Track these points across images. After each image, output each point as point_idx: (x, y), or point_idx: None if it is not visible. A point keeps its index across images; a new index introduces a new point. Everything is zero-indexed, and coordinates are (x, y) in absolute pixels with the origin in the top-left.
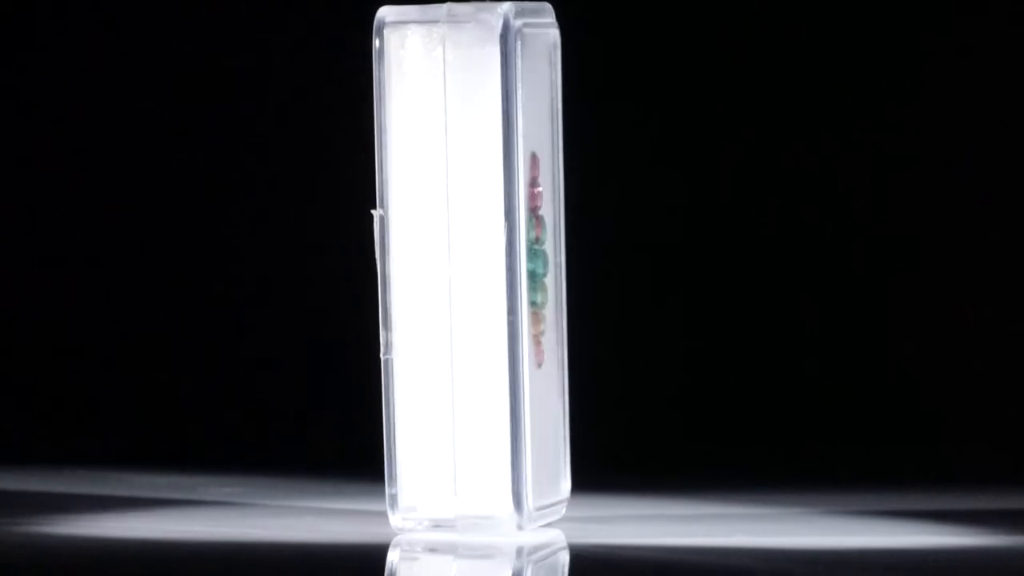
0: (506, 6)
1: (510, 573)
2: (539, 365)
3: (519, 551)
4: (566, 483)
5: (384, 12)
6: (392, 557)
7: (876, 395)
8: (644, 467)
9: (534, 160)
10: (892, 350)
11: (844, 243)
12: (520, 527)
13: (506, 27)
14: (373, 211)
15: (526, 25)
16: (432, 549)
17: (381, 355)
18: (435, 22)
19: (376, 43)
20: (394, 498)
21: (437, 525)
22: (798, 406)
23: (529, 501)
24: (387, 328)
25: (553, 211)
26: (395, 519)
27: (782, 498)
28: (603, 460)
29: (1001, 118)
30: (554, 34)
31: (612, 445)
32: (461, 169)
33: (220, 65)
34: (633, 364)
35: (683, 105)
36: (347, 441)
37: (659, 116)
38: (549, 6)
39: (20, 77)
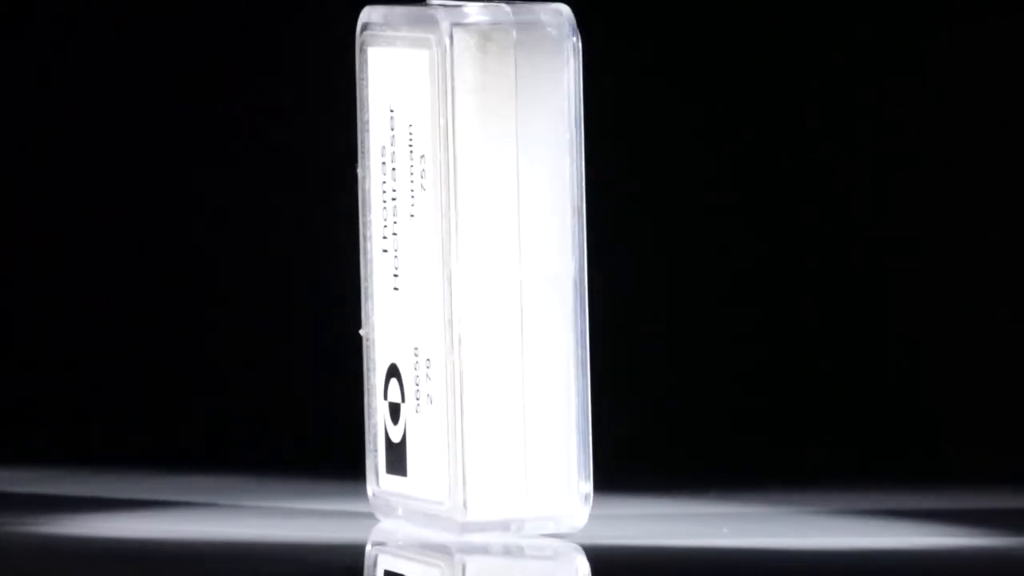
0: (565, 8)
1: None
2: None
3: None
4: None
5: (445, 14)
6: (462, 560)
7: (876, 395)
8: (641, 466)
9: None
10: (892, 350)
11: (844, 243)
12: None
13: (571, 29)
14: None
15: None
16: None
17: (449, 357)
18: (501, 24)
19: (446, 42)
20: (464, 502)
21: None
22: (797, 406)
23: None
24: (456, 330)
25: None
26: (465, 519)
27: (781, 498)
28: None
29: (1001, 118)
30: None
31: (609, 445)
32: (531, 172)
33: (250, 66)
34: (630, 365)
35: (676, 106)
36: (328, 439)
37: (652, 117)
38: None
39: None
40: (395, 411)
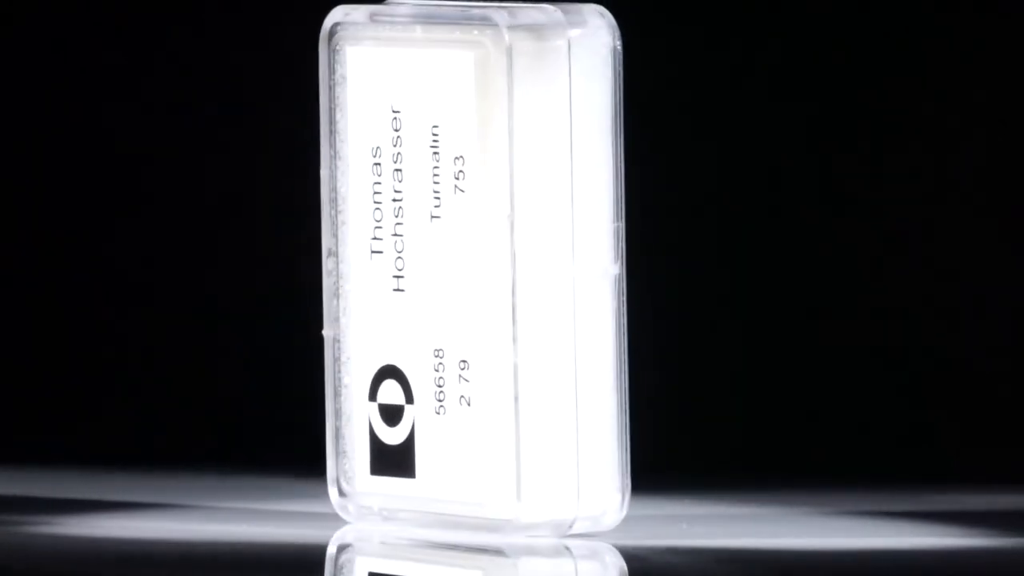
0: (605, 10)
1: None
2: None
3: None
4: None
5: (501, 16)
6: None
7: (877, 395)
8: (648, 467)
9: None
10: (891, 349)
11: (845, 243)
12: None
13: (615, 31)
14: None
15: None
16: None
17: (512, 358)
18: (555, 25)
19: (508, 41)
20: (521, 503)
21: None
22: (797, 405)
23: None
24: (516, 330)
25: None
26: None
27: (781, 498)
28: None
29: (1001, 118)
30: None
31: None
32: (584, 171)
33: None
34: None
35: (674, 113)
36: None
37: (658, 119)
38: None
39: None
40: (392, 413)
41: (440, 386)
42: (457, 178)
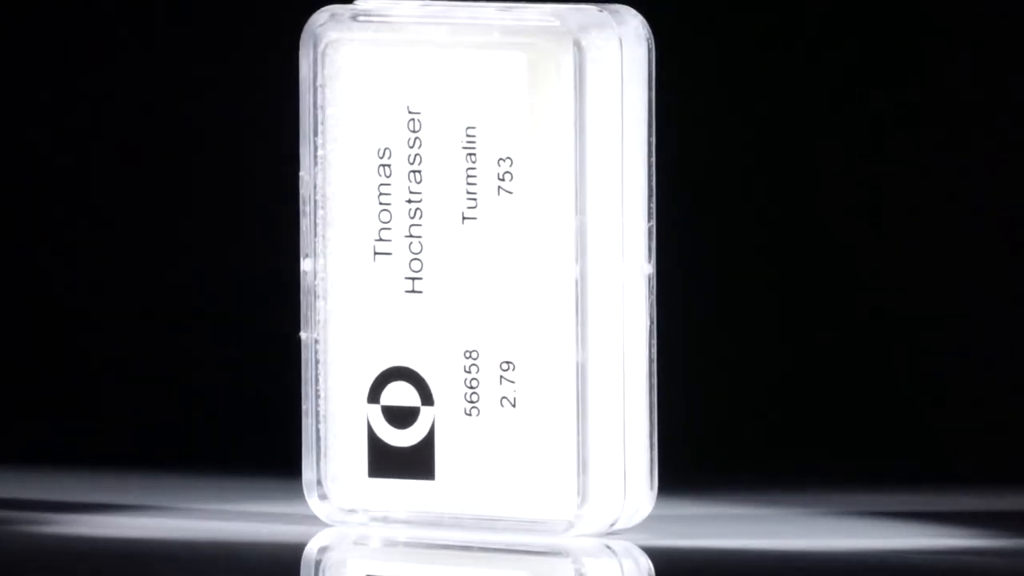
0: (636, 12)
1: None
2: None
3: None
4: None
5: (562, 17)
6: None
7: (876, 394)
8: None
9: None
10: (892, 349)
11: (841, 243)
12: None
13: (648, 31)
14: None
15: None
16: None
17: (577, 358)
18: (603, 27)
19: (573, 41)
20: (580, 504)
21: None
22: (796, 405)
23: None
24: (583, 330)
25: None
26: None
27: (781, 498)
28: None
29: (1001, 118)
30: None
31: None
32: (631, 172)
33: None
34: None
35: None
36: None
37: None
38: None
39: None
40: (402, 414)
41: (472, 387)
42: (502, 179)
